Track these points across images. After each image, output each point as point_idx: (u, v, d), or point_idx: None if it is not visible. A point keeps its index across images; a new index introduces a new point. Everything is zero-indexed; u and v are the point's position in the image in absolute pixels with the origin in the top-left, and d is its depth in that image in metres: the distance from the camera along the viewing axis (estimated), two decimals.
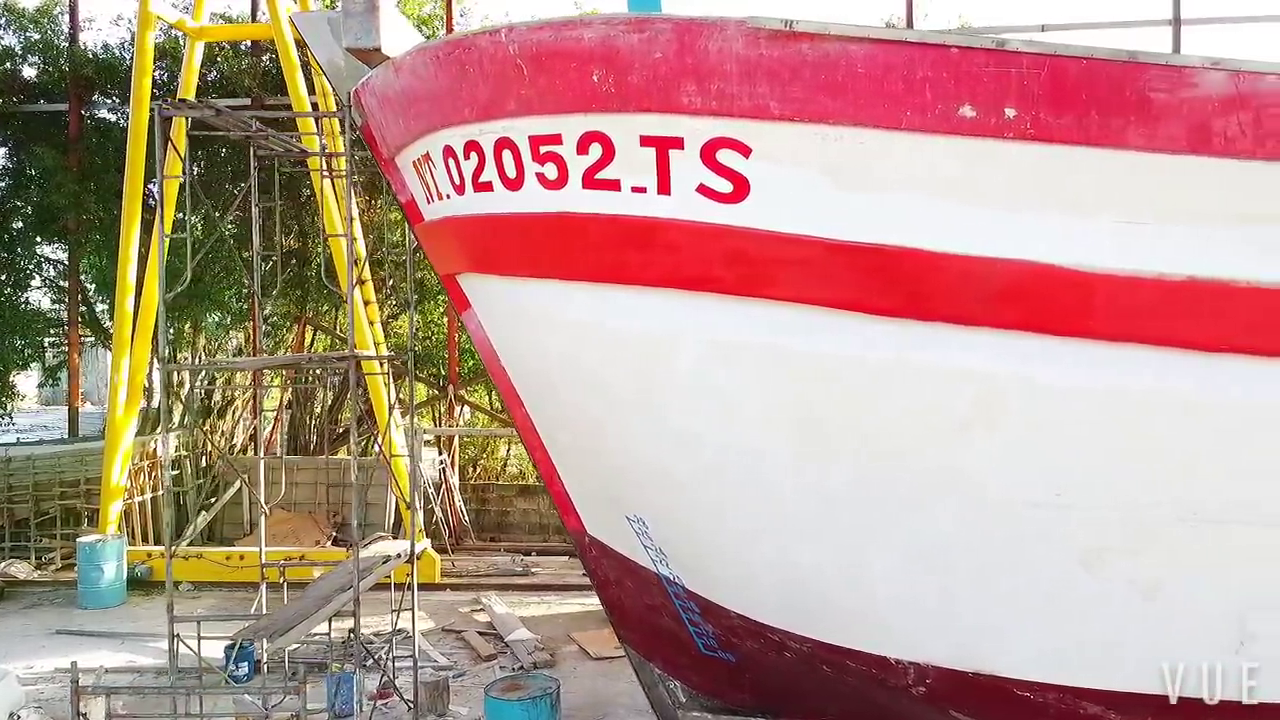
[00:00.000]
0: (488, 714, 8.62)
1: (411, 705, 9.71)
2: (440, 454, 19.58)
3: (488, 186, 6.67)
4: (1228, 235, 5.17)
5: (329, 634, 10.44)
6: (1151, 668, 5.69)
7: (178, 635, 7.84)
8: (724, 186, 5.67)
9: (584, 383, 6.95)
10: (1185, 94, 5.10)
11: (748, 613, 7.09)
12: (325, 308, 20.88)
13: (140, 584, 15.57)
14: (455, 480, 19.60)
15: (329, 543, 17.58)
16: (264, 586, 10.20)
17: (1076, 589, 5.71)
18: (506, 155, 6.42)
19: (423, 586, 16.05)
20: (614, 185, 5.97)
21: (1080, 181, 5.23)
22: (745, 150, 5.57)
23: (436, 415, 21.08)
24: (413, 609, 9.85)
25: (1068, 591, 5.74)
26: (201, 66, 20.41)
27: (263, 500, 10.70)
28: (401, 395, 24.08)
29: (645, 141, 5.78)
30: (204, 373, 19.47)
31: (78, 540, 15.14)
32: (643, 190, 5.89)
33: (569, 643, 12.79)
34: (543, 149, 6.19)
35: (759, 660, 7.54)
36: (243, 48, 19.11)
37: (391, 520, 17.41)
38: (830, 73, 5.31)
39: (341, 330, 19.81)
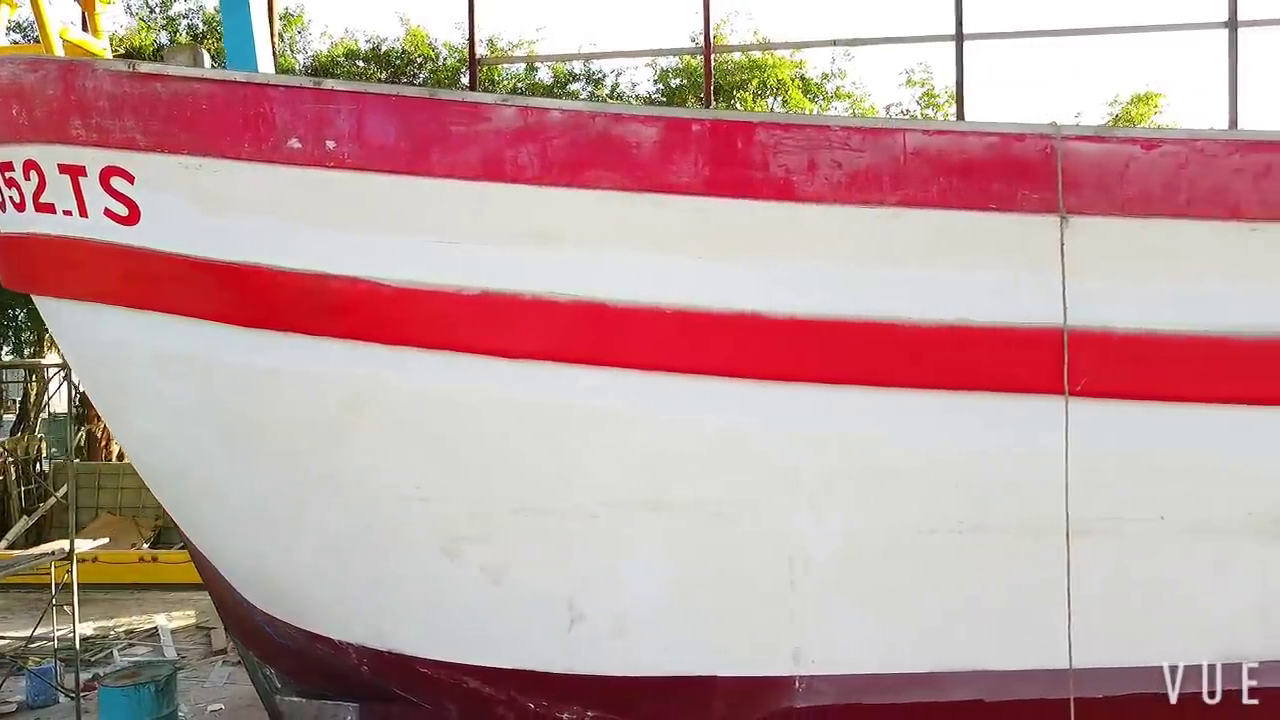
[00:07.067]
0: (100, 702, 9.15)
1: (72, 695, 10.26)
2: None
3: None
4: (521, 253, 5.74)
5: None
6: (507, 645, 6.25)
7: None
8: (122, 210, 6.23)
9: (94, 393, 7.54)
10: (481, 127, 5.67)
11: (256, 603, 7.64)
12: None
13: None
14: None
15: (145, 545, 18.34)
16: None
17: (443, 574, 6.26)
18: None
19: None
20: (52, 209, 6.53)
21: (394, 205, 5.79)
22: (130, 178, 6.13)
23: None
24: (73, 604, 10.43)
25: (437, 576, 6.29)
26: None
27: None
28: None
29: (62, 169, 6.34)
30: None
31: None
32: (70, 213, 6.44)
33: None
34: (6, 174, 6.75)
35: (302, 647, 8.07)
36: None
37: None
38: (181, 108, 5.89)
39: None
